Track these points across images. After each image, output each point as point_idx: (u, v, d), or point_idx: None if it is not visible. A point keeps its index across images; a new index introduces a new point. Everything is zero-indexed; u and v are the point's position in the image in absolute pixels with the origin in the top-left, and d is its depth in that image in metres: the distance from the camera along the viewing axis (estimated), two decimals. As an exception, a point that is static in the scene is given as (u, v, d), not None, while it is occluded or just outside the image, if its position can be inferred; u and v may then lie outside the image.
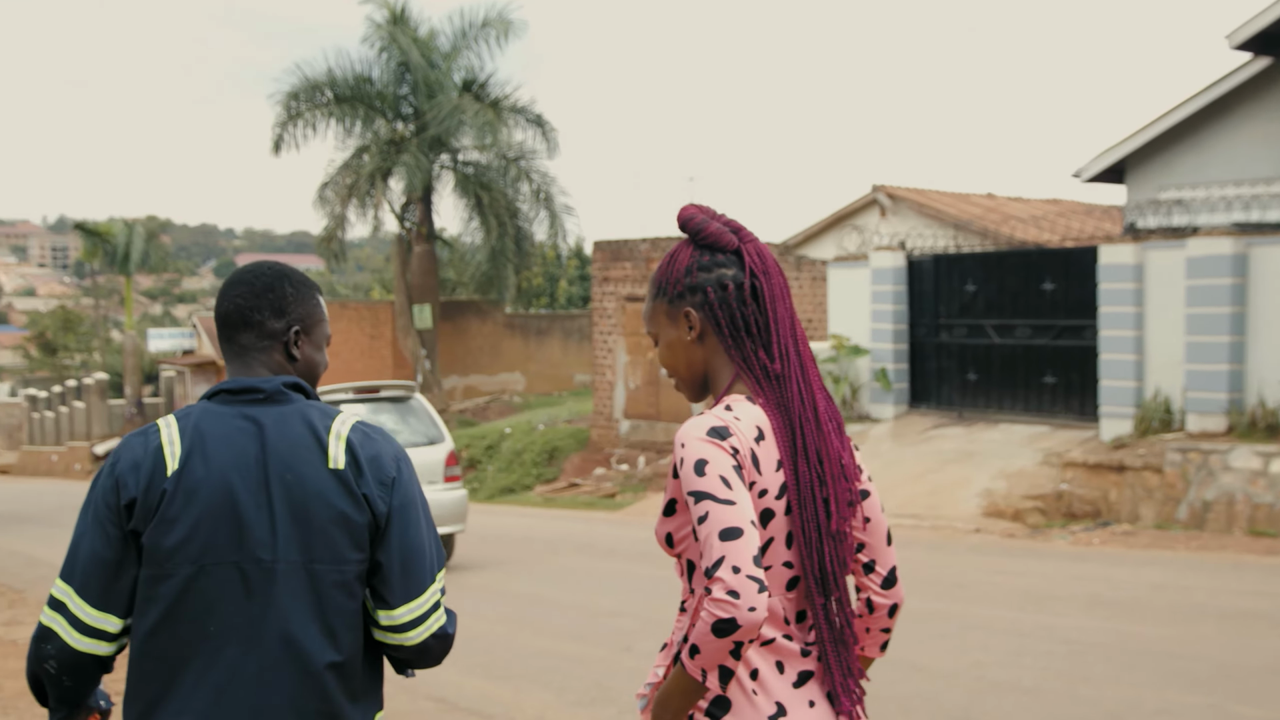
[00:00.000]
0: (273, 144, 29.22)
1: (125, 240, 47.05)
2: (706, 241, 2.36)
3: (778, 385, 2.29)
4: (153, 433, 2.34)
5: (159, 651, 2.27)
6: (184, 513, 2.25)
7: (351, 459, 2.34)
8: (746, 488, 2.16)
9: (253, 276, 2.46)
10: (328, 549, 2.29)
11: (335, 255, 31.01)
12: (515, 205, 29.84)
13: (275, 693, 2.26)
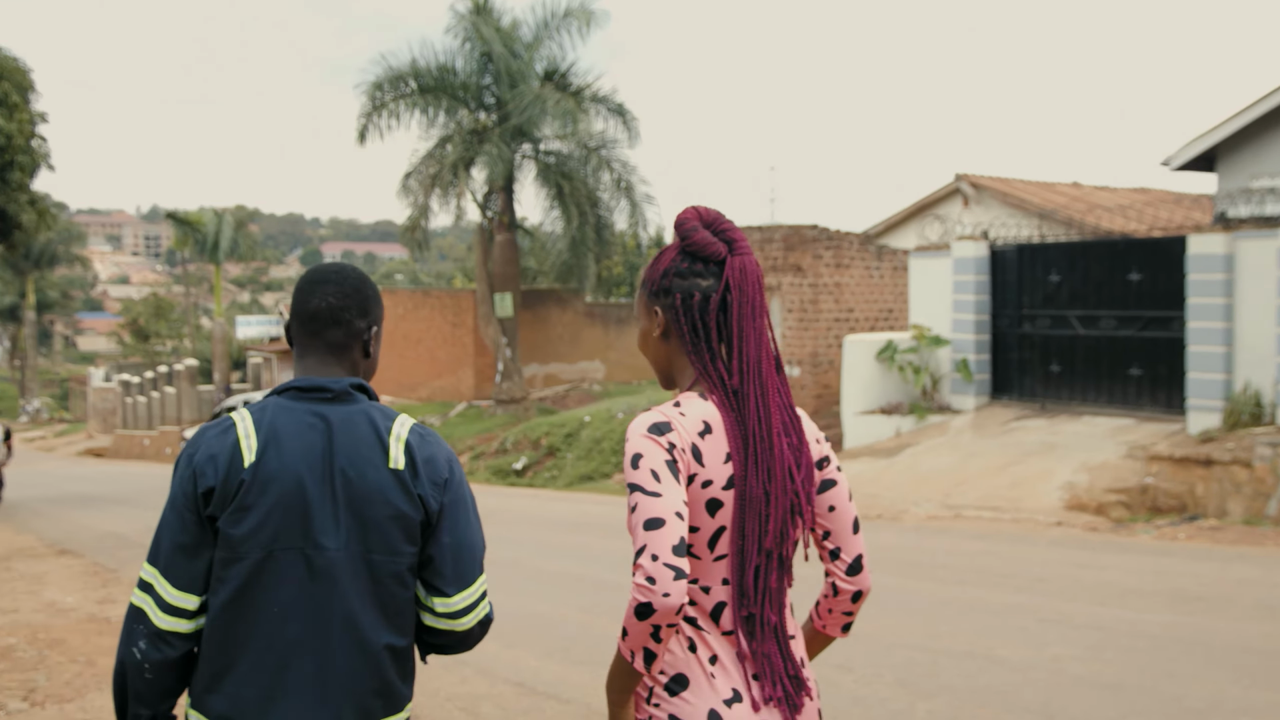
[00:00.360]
0: (358, 134, 29.60)
1: (215, 229, 47.94)
2: (692, 248, 2.46)
3: (735, 399, 2.40)
4: (229, 427, 2.50)
5: (228, 627, 2.44)
6: (258, 502, 2.43)
7: (409, 460, 2.52)
8: (683, 481, 2.29)
9: (340, 276, 2.64)
10: (384, 542, 2.47)
11: (418, 244, 31.32)
12: (596, 194, 29.95)
13: (335, 669, 2.45)
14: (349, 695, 2.46)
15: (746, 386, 2.41)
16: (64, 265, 79.89)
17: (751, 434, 2.39)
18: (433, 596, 2.53)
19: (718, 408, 2.40)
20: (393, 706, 2.53)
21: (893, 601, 8.67)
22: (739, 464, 2.37)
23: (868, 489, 14.65)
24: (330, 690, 2.45)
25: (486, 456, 25.74)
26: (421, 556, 2.53)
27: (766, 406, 2.41)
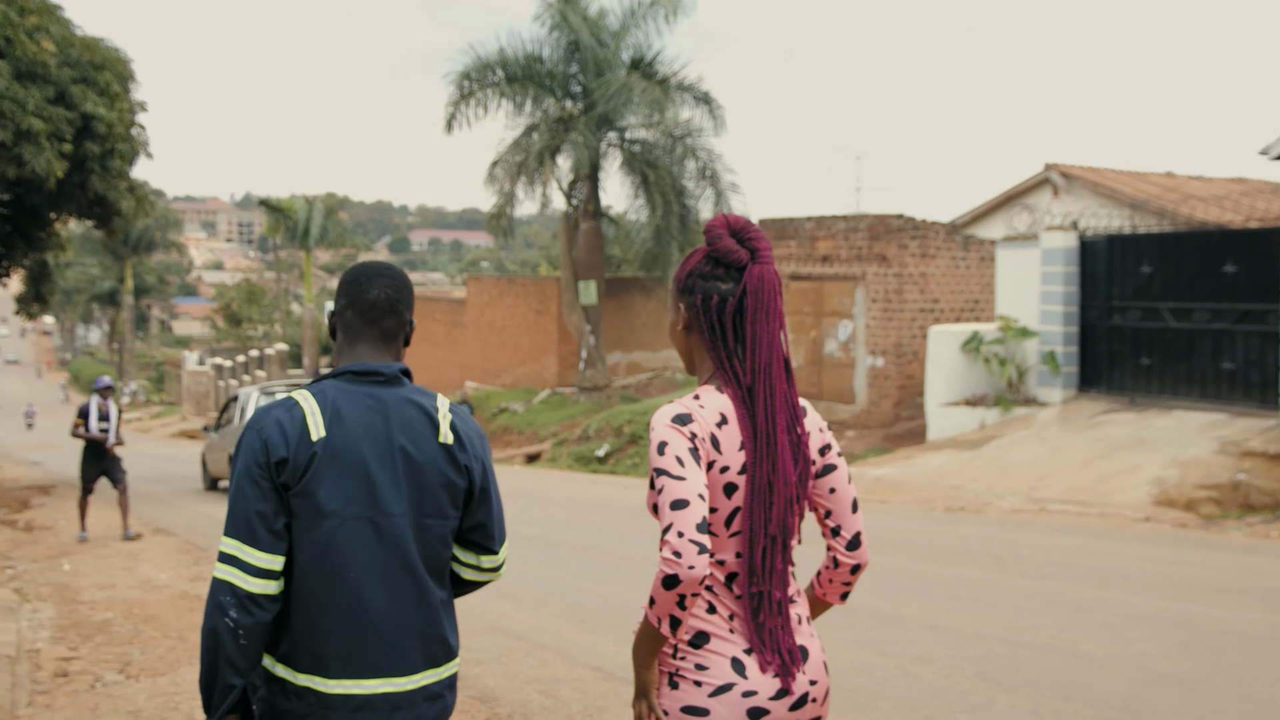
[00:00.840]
0: (445, 123, 29.89)
1: (306, 216, 48.67)
2: (716, 254, 2.70)
3: (748, 396, 2.67)
4: (294, 405, 2.74)
5: (308, 590, 2.68)
6: (328, 473, 2.68)
7: (456, 436, 2.83)
8: (704, 466, 2.58)
9: (390, 271, 2.94)
10: (435, 507, 2.78)
11: (504, 231, 31.56)
12: (681, 183, 29.95)
13: (407, 624, 2.73)
14: (419, 645, 2.74)
15: (757, 386, 2.66)
16: (161, 251, 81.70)
17: (760, 430, 2.64)
18: (482, 555, 2.90)
19: (732, 401, 2.66)
20: (449, 654, 2.83)
21: (974, 594, 8.62)
22: (749, 455, 2.63)
23: (950, 481, 14.53)
24: (403, 643, 2.72)
25: (569, 443, 25.90)
26: (470, 521, 2.86)
27: (774, 405, 2.66)
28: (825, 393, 21.24)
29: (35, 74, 19.14)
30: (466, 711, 6.11)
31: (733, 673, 2.59)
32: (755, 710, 2.58)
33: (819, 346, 21.35)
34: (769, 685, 2.61)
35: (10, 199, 22.35)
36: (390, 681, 2.70)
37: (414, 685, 2.73)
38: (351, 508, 2.68)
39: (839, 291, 20.94)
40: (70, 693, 6.83)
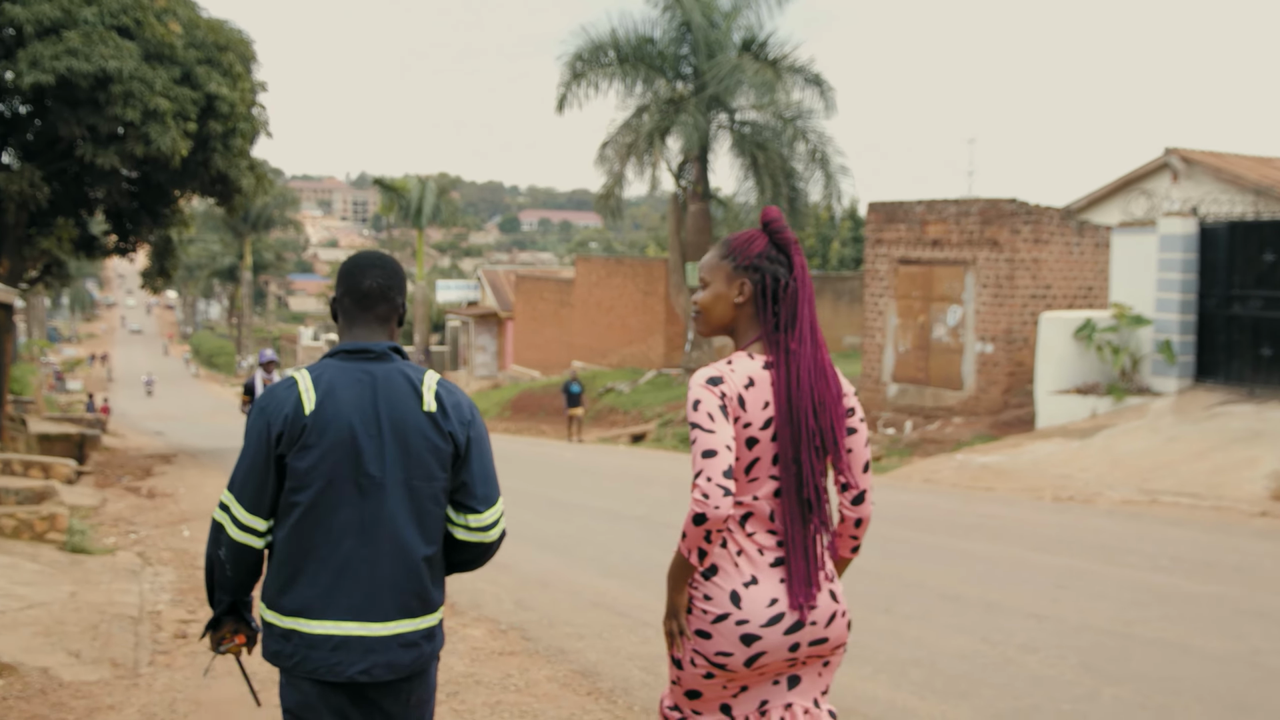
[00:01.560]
0: (557, 103, 30.10)
1: (419, 195, 49.35)
2: (779, 241, 3.15)
3: (789, 358, 3.07)
4: (292, 385, 3.11)
5: (294, 543, 3.05)
6: (318, 442, 3.03)
7: (440, 405, 3.13)
8: (730, 421, 2.98)
9: (383, 262, 3.28)
10: (422, 469, 3.08)
11: (613, 212, 31.71)
12: (790, 165, 29.79)
13: (382, 575, 3.05)
14: (393, 595, 3.06)
15: (802, 349, 3.08)
16: (278, 228, 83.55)
17: (792, 386, 3.05)
18: (467, 515, 3.17)
19: (763, 367, 3.07)
20: (428, 608, 3.13)
21: (1081, 584, 8.51)
22: (782, 411, 3.04)
23: (1060, 470, 14.31)
24: (378, 592, 3.05)
25: (674, 424, 25.99)
26: (455, 483, 3.15)
27: (819, 364, 3.09)
28: (932, 378, 21.02)
29: (163, 55, 19.70)
30: (569, 685, 6.22)
31: (730, 604, 3.00)
32: (747, 637, 2.99)
33: (927, 331, 21.12)
34: (761, 614, 2.99)
35: (138, 177, 23.06)
36: (365, 626, 3.04)
37: (388, 632, 3.05)
38: (337, 470, 3.03)
39: (949, 276, 20.69)
40: (188, 653, 7.09)
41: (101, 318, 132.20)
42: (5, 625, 6.94)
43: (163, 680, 6.32)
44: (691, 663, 3.07)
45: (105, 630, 7.30)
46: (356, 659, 3.02)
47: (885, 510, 12.64)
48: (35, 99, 20.69)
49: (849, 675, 6.33)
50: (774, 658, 3.02)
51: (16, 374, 28.31)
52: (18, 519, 10.17)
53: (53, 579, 8.59)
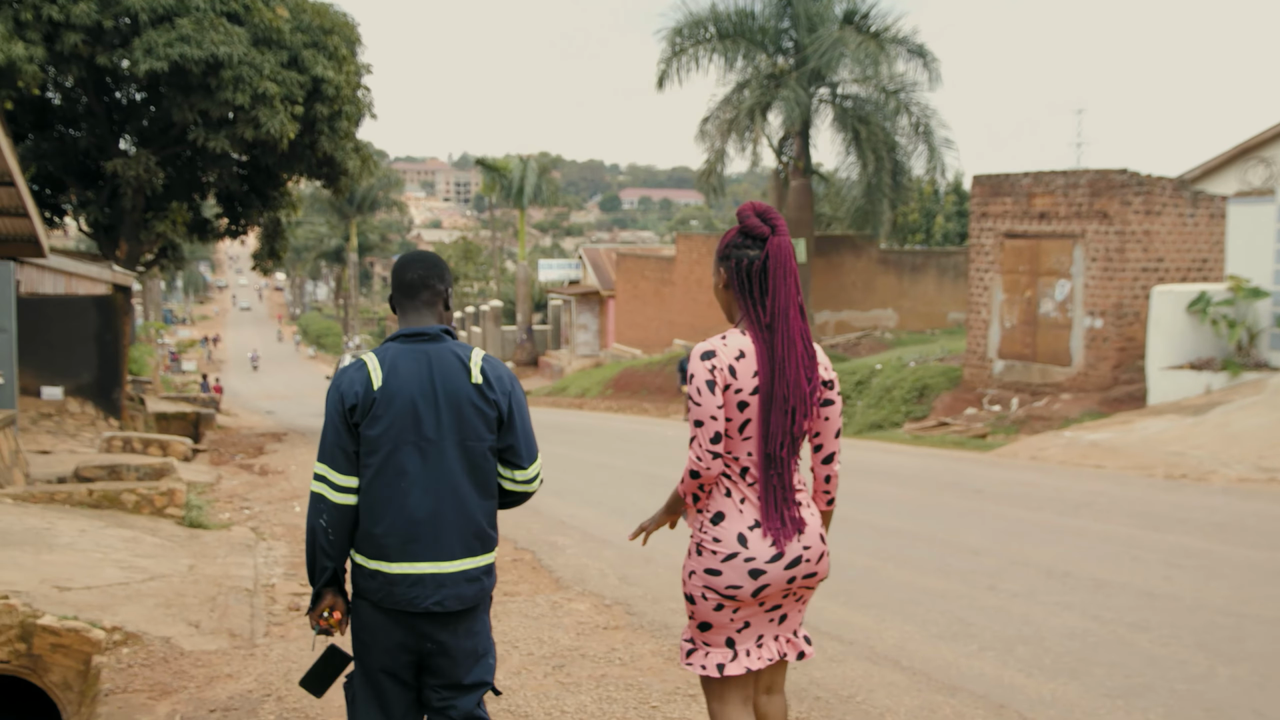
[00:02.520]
0: (657, 80, 30.07)
1: (520, 175, 49.68)
2: (745, 229, 3.62)
3: (768, 332, 3.54)
4: (362, 365, 3.69)
5: (372, 496, 3.64)
6: (385, 413, 3.62)
7: (485, 377, 3.71)
8: (720, 392, 3.48)
9: (422, 257, 3.87)
10: (473, 431, 3.67)
11: (714, 189, 31.59)
12: (893, 139, 29.43)
13: (446, 522, 3.65)
14: (457, 538, 3.65)
15: (776, 324, 3.54)
16: (383, 210, 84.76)
17: (777, 357, 3.52)
18: (514, 470, 3.76)
19: (752, 340, 3.55)
20: (486, 547, 3.73)
21: (1195, 563, 8.33)
22: (765, 378, 3.52)
23: (1172, 447, 13.99)
24: (444, 535, 3.64)
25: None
26: (502, 444, 3.74)
27: (790, 339, 3.54)
28: (1040, 354, 20.66)
29: (271, 40, 20.07)
30: (672, 659, 6.26)
31: (737, 544, 3.54)
32: (754, 571, 3.53)
33: (1034, 306, 20.75)
34: (765, 552, 3.54)
35: (247, 160, 23.56)
36: (436, 565, 3.63)
37: (455, 569, 3.65)
38: (402, 436, 3.62)
39: (1056, 250, 20.29)
40: (302, 625, 7.27)
41: (214, 300, 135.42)
42: (129, 596, 7.18)
43: (278, 651, 6.49)
44: (704, 597, 3.60)
45: (222, 602, 7.51)
46: (430, 593, 3.62)
47: (990, 487, 12.50)
48: (150, 86, 21.25)
49: (953, 651, 6.28)
50: (775, 589, 3.58)
51: (134, 355, 29.14)
52: (139, 494, 10.49)
53: (172, 552, 8.86)
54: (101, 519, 9.81)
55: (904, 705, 5.43)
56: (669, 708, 5.42)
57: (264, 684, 5.84)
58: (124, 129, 23.01)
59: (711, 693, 3.72)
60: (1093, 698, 5.51)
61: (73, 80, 21.25)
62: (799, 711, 5.36)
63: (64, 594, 6.90)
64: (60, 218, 24.83)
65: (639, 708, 5.42)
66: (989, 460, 15.61)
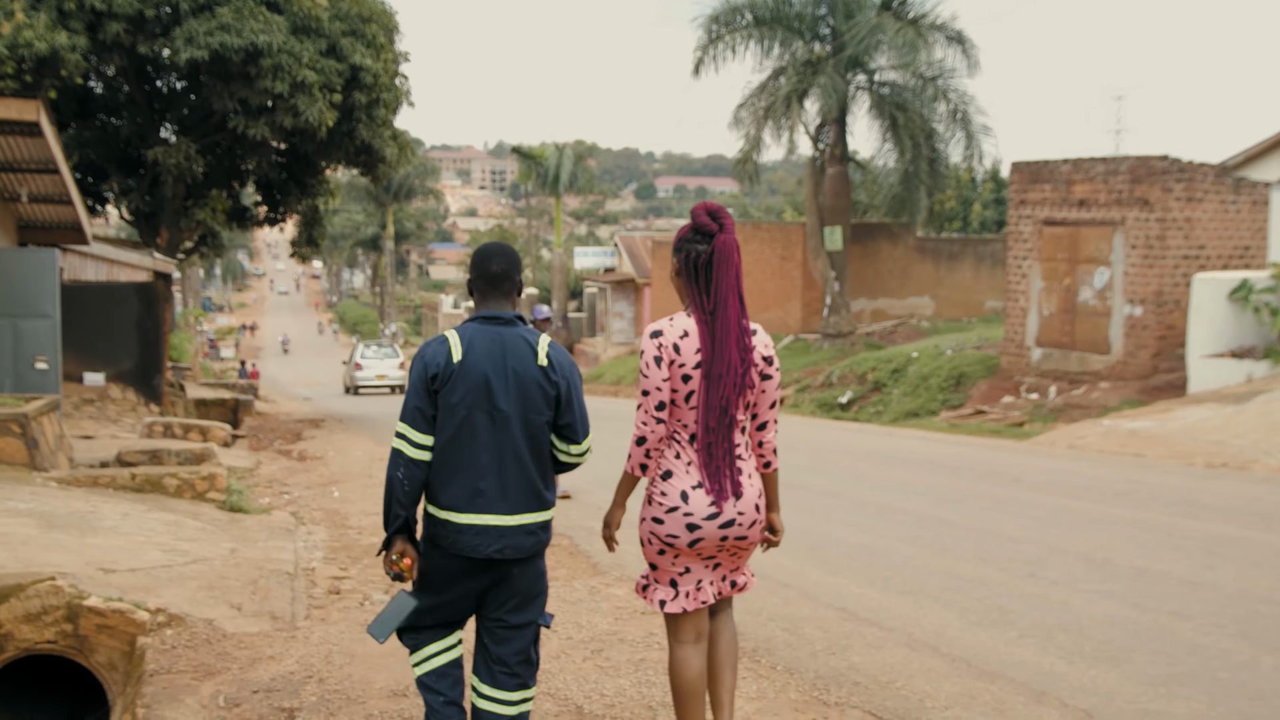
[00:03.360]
0: (693, 67, 30.00)
1: (556, 163, 49.70)
2: (696, 226, 4.12)
3: (711, 317, 4.05)
4: (444, 340, 4.16)
5: (447, 456, 4.12)
6: (462, 383, 4.09)
7: (550, 361, 4.16)
8: (665, 366, 4.01)
9: (504, 251, 4.35)
10: (535, 406, 4.14)
11: (749, 177, 31.50)
12: (930, 126, 29.26)
13: (509, 481, 4.12)
14: (519, 495, 4.12)
15: (717, 310, 4.05)
16: (419, 198, 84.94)
17: (717, 338, 4.02)
18: (569, 444, 4.23)
19: (696, 323, 4.06)
20: (544, 505, 4.18)
21: (1237, 552, 8.27)
22: (707, 355, 4.02)
23: (1212, 436, 13.87)
24: (507, 493, 4.11)
25: (812, 390, 25.86)
26: (561, 422, 4.19)
27: (727, 324, 4.04)
28: (1078, 342, 20.52)
29: (309, 28, 20.15)
30: (711, 643, 6.28)
31: (679, 500, 4.06)
32: (691, 525, 4.05)
33: (1073, 294, 20.61)
34: (704, 510, 4.04)
35: (286, 148, 23.68)
36: (499, 518, 4.09)
37: (515, 522, 4.11)
38: (476, 404, 4.09)
39: (1096, 237, 20.14)
40: (342, 608, 7.33)
41: (252, 287, 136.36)
42: (173, 579, 7.26)
43: (319, 633, 6.55)
44: (649, 541, 4.17)
45: (264, 585, 7.58)
46: (492, 541, 4.09)
47: (1028, 475, 12.44)
48: (190, 74, 21.37)
49: (992, 638, 6.27)
50: (709, 543, 4.09)
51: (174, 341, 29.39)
52: (180, 479, 10.60)
53: (214, 536, 8.95)
54: (144, 503, 9.92)
55: (943, 691, 5.43)
56: (708, 692, 5.44)
57: (306, 666, 5.90)
58: (165, 117, 23.15)
59: (670, 629, 4.28)
60: (1134, 686, 5.49)
61: (114, 69, 21.39)
62: (838, 696, 5.37)
63: (109, 576, 6.99)
64: (102, 205, 25.04)
65: (678, 692, 5.45)
66: (1026, 449, 15.53)
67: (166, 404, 19.71)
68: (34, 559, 7.11)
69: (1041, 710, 5.18)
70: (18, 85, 18.28)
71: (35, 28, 18.06)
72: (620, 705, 5.26)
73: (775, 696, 5.38)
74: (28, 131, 12.53)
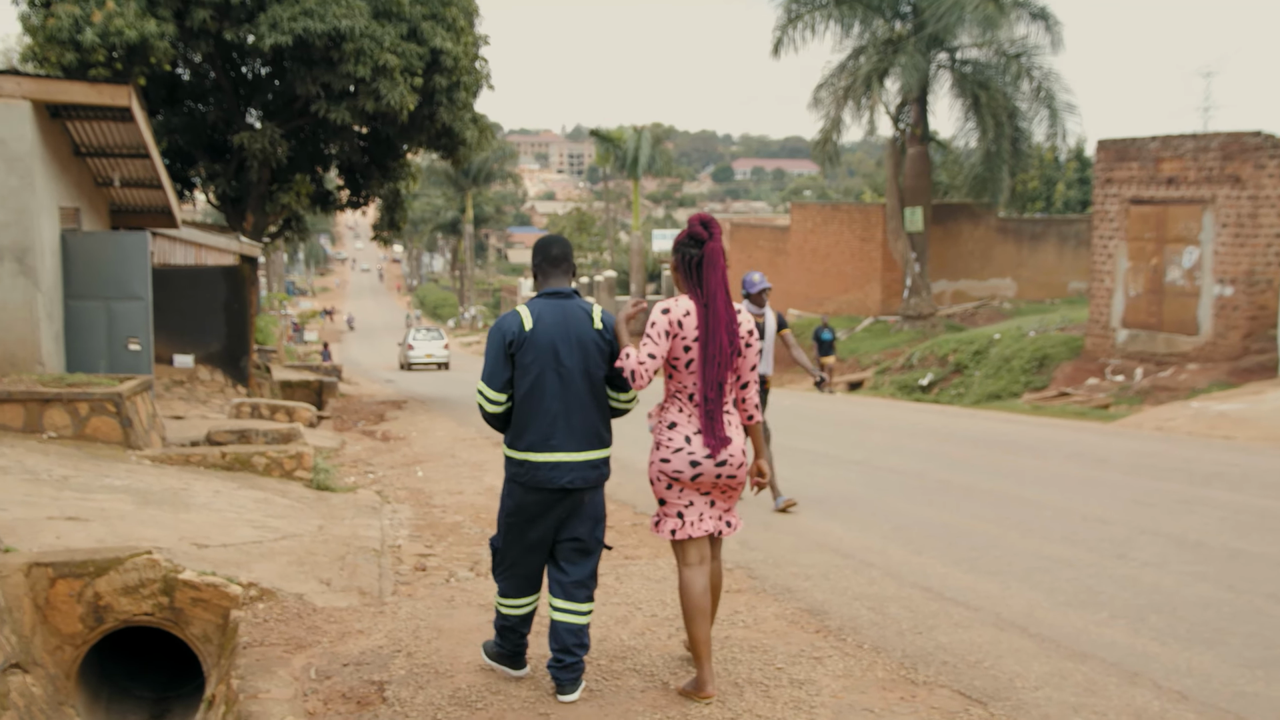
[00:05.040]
0: (773, 47, 29.82)
1: (634, 146, 49.67)
2: (691, 234, 5.03)
3: (704, 307, 4.96)
4: (517, 313, 5.07)
5: (522, 409, 5.04)
6: (533, 348, 4.99)
7: (604, 324, 5.11)
8: (669, 338, 4.93)
9: (560, 239, 5.29)
10: (594, 363, 5.06)
11: (829, 158, 31.24)
12: (1013, 104, 28.82)
13: (575, 425, 5.03)
14: (584, 436, 5.05)
15: (709, 301, 4.95)
16: (498, 182, 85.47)
17: (710, 326, 4.94)
18: (619, 392, 5.16)
19: (695, 306, 4.97)
20: (604, 444, 5.12)
21: (1334, 535, 8.08)
22: (702, 335, 4.94)
23: (1309, 418, 13.55)
24: (575, 433, 5.03)
25: (892, 371, 25.65)
26: (612, 374, 5.09)
27: (718, 313, 4.95)
28: (1166, 323, 20.14)
29: (391, 12, 20.33)
30: (796, 622, 6.26)
31: (683, 443, 5.00)
32: (693, 462, 4.99)
33: (1160, 274, 20.22)
34: (702, 452, 4.99)
35: (368, 132, 23.93)
36: (568, 455, 5.01)
37: (581, 458, 5.04)
38: (545, 363, 4.99)
39: (1185, 216, 19.72)
40: (428, 585, 7.41)
41: (334, 272, 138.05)
42: (264, 554, 7.39)
43: (406, 609, 6.63)
44: (659, 479, 5.10)
45: (351, 561, 7.69)
46: (564, 474, 5.01)
47: (1115, 457, 12.25)
48: (274, 60, 21.67)
49: (1082, 619, 6.19)
50: (707, 478, 5.02)
51: (260, 325, 29.88)
52: (269, 458, 10.78)
53: (302, 513, 9.09)
54: (234, 480, 10.10)
55: (1032, 671, 5.37)
56: (794, 669, 5.43)
57: (394, 640, 5.98)
58: (250, 103, 23.50)
59: (678, 555, 5.15)
60: (1230, 668, 5.39)
61: (201, 56, 21.75)
62: (926, 675, 5.33)
63: (202, 551, 7.13)
64: (189, 190, 25.47)
65: (764, 669, 5.44)
66: (1113, 430, 15.28)
67: (253, 386, 20.04)
68: (131, 534, 7.27)
69: (1135, 691, 5.10)
70: (109, 73, 18.66)
71: (125, 16, 18.41)
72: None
73: (862, 675, 5.35)
74: (119, 117, 12.79)
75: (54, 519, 7.41)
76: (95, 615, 6.10)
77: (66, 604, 6.05)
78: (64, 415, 10.56)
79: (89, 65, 18.64)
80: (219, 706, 5.47)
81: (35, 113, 11.99)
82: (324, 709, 5.11)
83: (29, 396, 10.51)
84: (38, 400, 10.52)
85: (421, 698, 5.16)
